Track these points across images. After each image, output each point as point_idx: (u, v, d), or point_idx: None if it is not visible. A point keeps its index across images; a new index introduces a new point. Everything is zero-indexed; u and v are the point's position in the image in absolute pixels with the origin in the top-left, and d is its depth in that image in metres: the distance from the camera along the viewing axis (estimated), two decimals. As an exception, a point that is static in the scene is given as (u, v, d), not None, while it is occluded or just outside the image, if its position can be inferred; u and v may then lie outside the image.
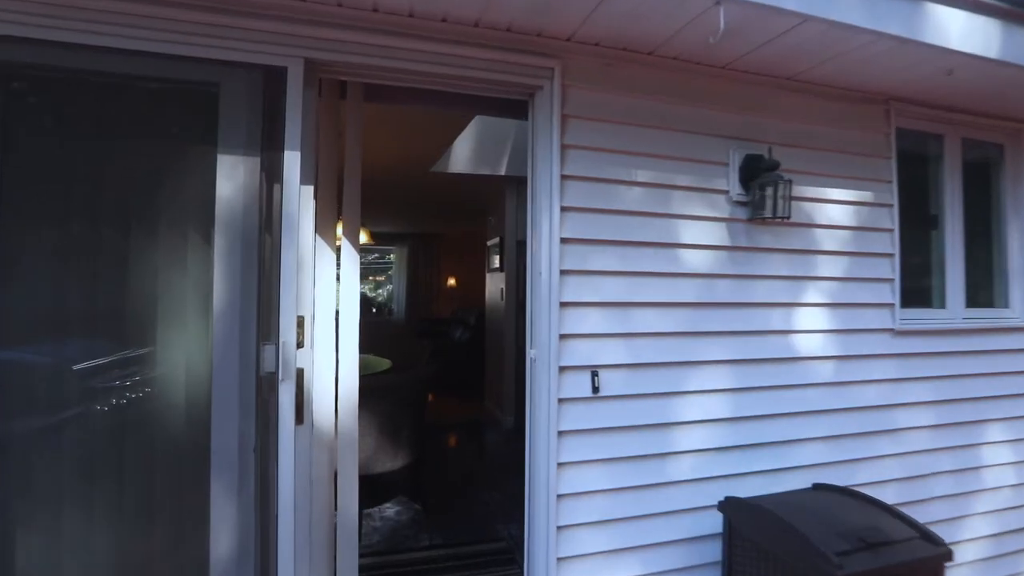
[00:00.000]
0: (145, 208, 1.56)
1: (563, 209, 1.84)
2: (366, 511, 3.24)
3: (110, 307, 1.52)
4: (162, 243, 1.58)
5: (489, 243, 5.83)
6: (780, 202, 1.93)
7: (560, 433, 1.81)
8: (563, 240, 1.83)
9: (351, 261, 1.99)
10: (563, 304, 1.83)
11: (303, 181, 1.69)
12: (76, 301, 1.50)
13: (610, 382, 1.87)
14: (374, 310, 9.37)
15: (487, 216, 5.88)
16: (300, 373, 1.70)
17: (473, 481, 3.77)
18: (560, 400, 1.81)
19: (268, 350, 1.62)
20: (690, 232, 2.00)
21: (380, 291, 9.88)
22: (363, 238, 3.67)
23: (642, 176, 1.95)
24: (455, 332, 7.72)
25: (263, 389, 1.66)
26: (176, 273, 1.59)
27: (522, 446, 1.94)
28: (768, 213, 1.96)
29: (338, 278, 1.96)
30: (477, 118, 4.71)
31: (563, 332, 1.82)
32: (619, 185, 1.92)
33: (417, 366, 3.56)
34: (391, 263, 9.44)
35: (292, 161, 1.62)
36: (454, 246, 9.02)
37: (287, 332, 1.62)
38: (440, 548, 2.76)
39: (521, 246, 5.18)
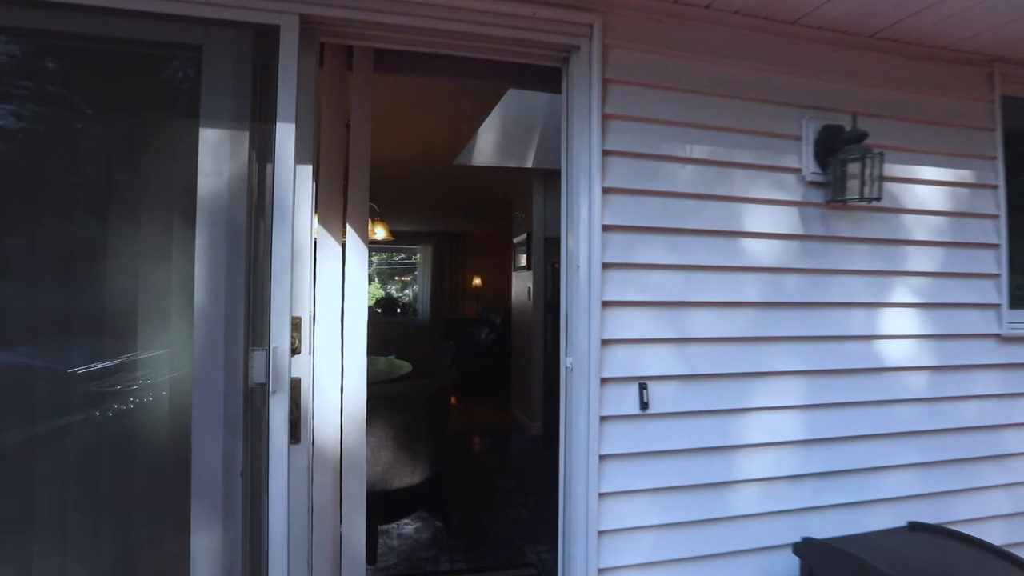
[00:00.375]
0: (114, 192, 1.35)
1: (605, 191, 1.55)
2: (382, 527, 3.01)
3: (72, 310, 1.31)
4: (133, 233, 1.35)
5: (515, 240, 5.56)
6: (869, 182, 1.59)
7: (602, 457, 1.52)
8: (605, 228, 1.54)
9: (358, 255, 1.74)
10: (605, 304, 1.54)
11: (299, 160, 1.45)
12: (30, 302, 1.28)
13: (660, 397, 1.57)
14: (398, 310, 9.23)
15: (513, 211, 5.62)
16: (296, 384, 1.46)
17: (499, 495, 3.50)
18: (602, 418, 1.52)
19: (257, 357, 1.37)
20: (754, 218, 1.69)
21: (406, 291, 9.75)
22: (381, 233, 3.45)
23: (697, 152, 1.64)
24: (480, 333, 7.49)
25: (254, 403, 1.43)
26: (150, 268, 1.36)
27: (552, 457, 1.66)
28: (853, 195, 1.62)
29: (343, 274, 1.71)
30: (502, 106, 4.45)
31: (605, 337, 1.53)
32: (670, 162, 1.62)
33: (439, 371, 3.31)
34: (416, 263, 9.29)
35: (285, 134, 1.38)
36: (479, 245, 8.80)
37: (279, 336, 1.37)
38: (463, 574, 2.49)
39: (550, 243, 4.89)
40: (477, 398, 6.40)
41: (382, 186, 5.06)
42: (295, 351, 1.45)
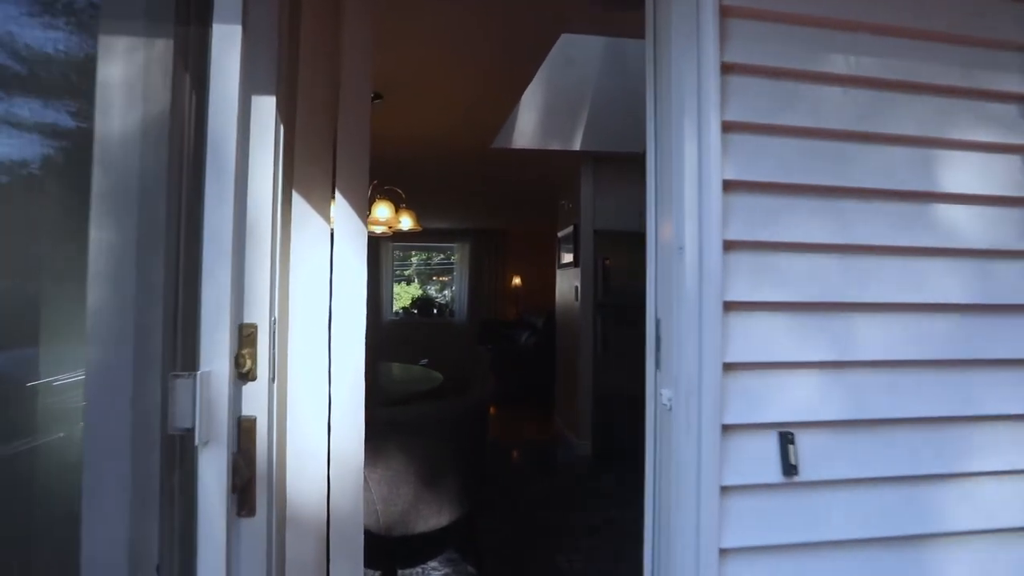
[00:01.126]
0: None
1: (725, 127, 0.98)
2: (403, 572, 2.52)
3: None
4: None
5: (560, 234, 4.99)
6: None
7: (723, 552, 0.95)
8: (727, 185, 0.97)
9: (353, 239, 1.24)
10: (728, 306, 0.97)
11: (252, 86, 0.96)
12: None
13: (813, 454, 0.99)
14: (435, 311, 8.83)
15: (558, 201, 5.05)
16: (248, 426, 0.96)
17: (543, 532, 2.95)
18: (724, 489, 0.95)
19: (181, 389, 0.88)
20: (952, 172, 1.08)
21: (445, 292, 9.37)
22: (407, 222, 2.96)
23: (863, 67, 1.05)
24: (520, 336, 6.97)
25: (185, 458, 0.94)
26: (17, 254, 0.90)
27: (606, 484, 1.10)
28: None
29: (332, 265, 1.21)
30: (545, 79, 3.90)
31: (729, 359, 0.96)
32: (822, 84, 1.04)
33: (473, 384, 2.80)
34: (453, 264, 8.89)
35: (225, 41, 0.88)
36: (519, 241, 8.28)
37: (213, 355, 0.87)
38: (500, 649, 1.96)
39: (600, 236, 4.30)
40: (517, 406, 5.87)
41: (412, 174, 4.60)
42: (245, 376, 0.96)
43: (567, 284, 4.78)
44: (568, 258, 4.71)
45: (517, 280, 8.42)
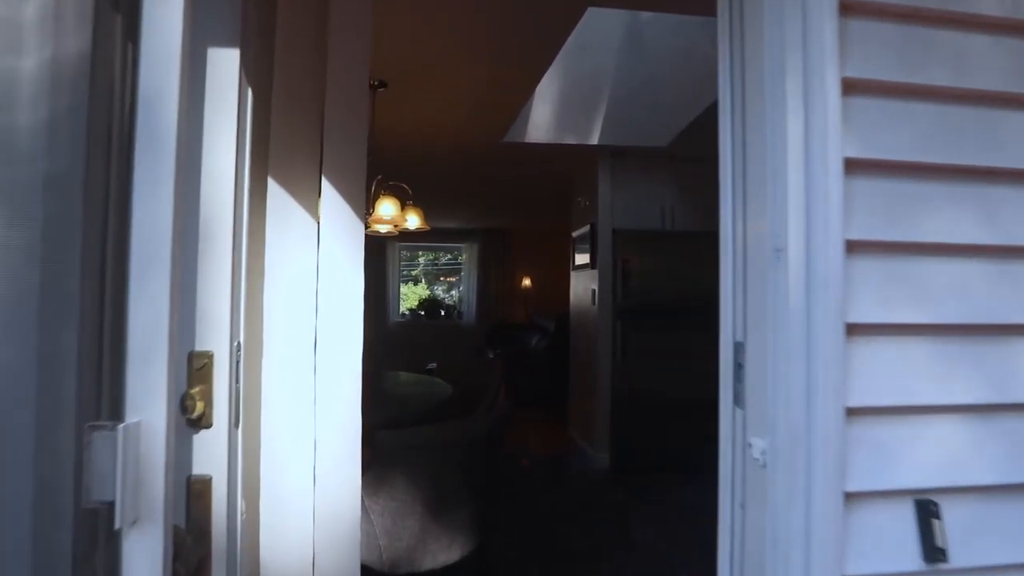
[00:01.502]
0: None
1: (847, 87, 0.72)
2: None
3: None
4: None
5: (575, 234, 4.73)
6: None
7: (846, 673, 0.69)
8: (849, 165, 0.72)
9: (346, 236, 0.99)
10: (851, 329, 0.71)
11: (205, 35, 0.72)
12: None
13: (966, 531, 0.73)
14: (442, 312, 8.62)
15: (574, 199, 4.79)
16: (201, 490, 0.72)
17: (561, 555, 2.70)
18: (846, 584, 0.69)
19: (99, 446, 0.63)
20: None
21: (452, 292, 9.16)
22: (414, 221, 2.71)
23: None
24: (531, 339, 6.73)
25: (112, 541, 0.70)
26: None
27: (625, 503, 0.89)
28: None
29: (318, 271, 0.97)
30: (561, 69, 3.64)
31: (853, 403, 0.70)
32: (965, 32, 0.78)
33: (484, 400, 2.54)
34: (461, 264, 8.67)
35: (161, -34, 0.64)
36: (528, 241, 8.03)
37: (145, 400, 0.63)
38: None
39: (619, 236, 4.04)
40: (526, 412, 5.61)
41: (418, 170, 4.36)
42: (196, 423, 0.71)
43: (583, 286, 4.52)
44: (584, 259, 4.45)
45: (527, 281, 8.17)
